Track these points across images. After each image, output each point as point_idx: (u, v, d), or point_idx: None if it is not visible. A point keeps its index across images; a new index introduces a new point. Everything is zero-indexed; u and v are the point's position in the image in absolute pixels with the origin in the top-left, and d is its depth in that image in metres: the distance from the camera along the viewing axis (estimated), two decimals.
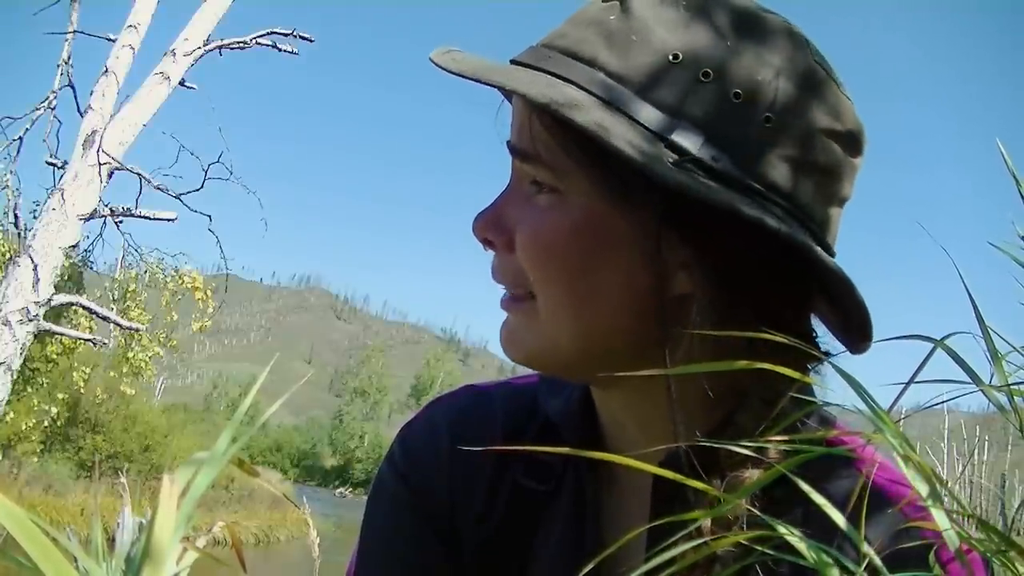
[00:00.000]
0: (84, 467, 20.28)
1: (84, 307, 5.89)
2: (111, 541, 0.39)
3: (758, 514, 0.40)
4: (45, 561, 0.27)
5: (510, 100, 0.63)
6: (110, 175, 5.24)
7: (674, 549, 0.32)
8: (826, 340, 0.61)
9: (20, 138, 5.82)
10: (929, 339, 0.36)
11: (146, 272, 8.53)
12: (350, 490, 54.53)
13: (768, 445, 0.39)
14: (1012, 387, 0.36)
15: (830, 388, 0.56)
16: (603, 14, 0.58)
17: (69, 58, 5.71)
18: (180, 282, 8.26)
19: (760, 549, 0.34)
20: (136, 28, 5.60)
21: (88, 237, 5.94)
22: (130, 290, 9.08)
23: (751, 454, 0.51)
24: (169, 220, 5.67)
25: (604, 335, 0.59)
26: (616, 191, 0.56)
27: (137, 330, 7.66)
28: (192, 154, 5.83)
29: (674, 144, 0.54)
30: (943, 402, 0.38)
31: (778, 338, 0.40)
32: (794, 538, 0.32)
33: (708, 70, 0.55)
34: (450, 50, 0.60)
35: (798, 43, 0.58)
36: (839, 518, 0.34)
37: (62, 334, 6.52)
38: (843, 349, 0.60)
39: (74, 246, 5.30)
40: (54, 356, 13.11)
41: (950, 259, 0.43)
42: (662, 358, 0.57)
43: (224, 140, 5.89)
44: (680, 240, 0.56)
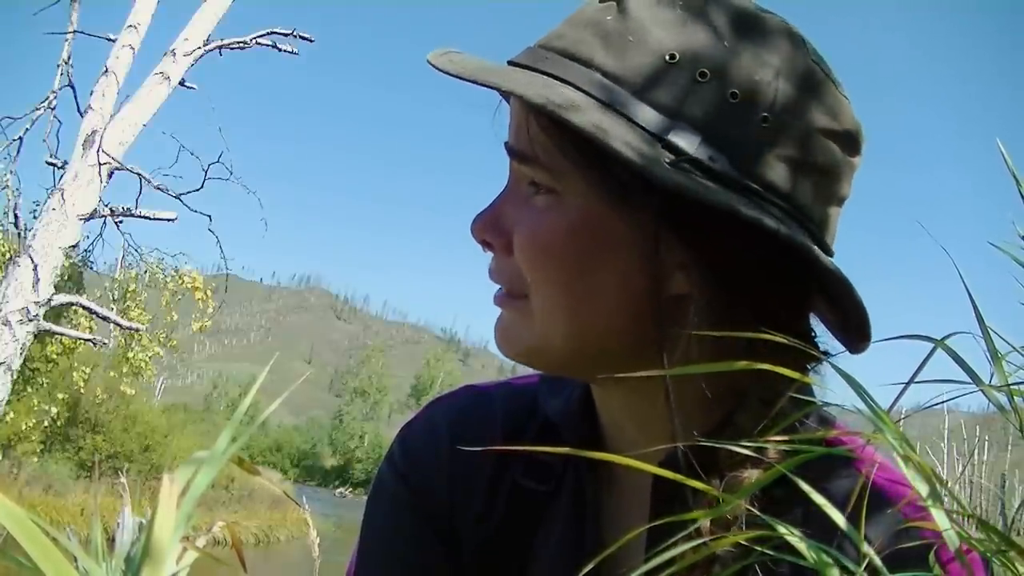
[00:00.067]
0: (84, 467, 20.27)
1: (84, 307, 5.89)
2: (111, 541, 0.39)
3: (758, 514, 0.40)
4: (45, 561, 0.27)
5: (508, 101, 0.63)
6: (110, 175, 5.24)
7: (674, 549, 0.32)
8: (825, 340, 0.61)
9: (20, 138, 5.82)
10: (929, 339, 0.36)
11: (146, 272, 8.53)
12: (350, 490, 54.54)
13: (767, 445, 0.39)
14: (1012, 387, 0.36)
15: (830, 388, 0.56)
16: (600, 15, 0.58)
17: (69, 58, 5.71)
18: (180, 282, 8.26)
19: (760, 549, 0.34)
20: (136, 28, 5.60)
21: (88, 237, 5.95)
22: (130, 290, 9.08)
23: (750, 454, 0.51)
24: (169, 220, 5.67)
25: (600, 336, 0.59)
26: (614, 192, 0.56)
27: (137, 330, 7.66)
28: (192, 154, 5.83)
29: (671, 144, 0.54)
30: (943, 402, 0.38)
31: (777, 338, 0.40)
32: (794, 538, 0.32)
33: (705, 70, 0.55)
34: (447, 51, 0.60)
35: (796, 43, 0.58)
36: (839, 518, 0.34)
37: (62, 334, 6.52)
38: (843, 349, 0.60)
39: (74, 246, 5.31)
40: (54, 356, 13.11)
41: (950, 259, 0.43)
42: (660, 359, 0.56)
43: (224, 140, 5.90)
44: (678, 241, 0.56)
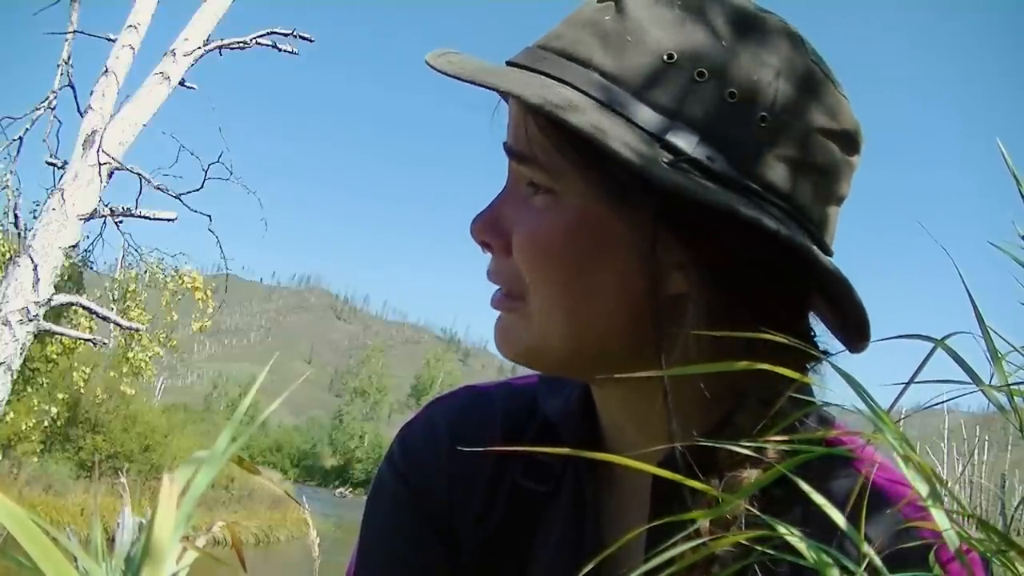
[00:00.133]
0: (84, 467, 20.27)
1: (84, 307, 5.89)
2: (111, 541, 0.39)
3: (757, 514, 0.40)
4: (45, 561, 0.27)
5: (507, 101, 0.63)
6: (110, 175, 5.24)
7: (673, 549, 0.32)
8: (825, 340, 0.61)
9: (20, 138, 5.82)
10: (929, 339, 0.36)
11: (146, 272, 8.53)
12: (350, 490, 54.54)
13: (767, 445, 0.39)
14: (1012, 387, 0.36)
15: (829, 388, 0.56)
16: (598, 15, 0.58)
17: (69, 58, 5.71)
18: (180, 282, 8.26)
19: (759, 549, 0.34)
20: (136, 28, 5.60)
21: (88, 237, 5.95)
22: (130, 290, 9.07)
23: (750, 454, 0.51)
24: (169, 220, 5.67)
25: (598, 336, 0.59)
26: (612, 192, 0.56)
27: (137, 330, 7.66)
28: (192, 154, 5.83)
29: (670, 145, 0.54)
30: (943, 402, 0.38)
31: (776, 338, 0.40)
32: (794, 538, 0.32)
33: (704, 70, 0.55)
34: (446, 52, 0.60)
35: (795, 43, 0.58)
36: (839, 518, 0.34)
37: (62, 334, 6.52)
38: (842, 348, 0.60)
39: (74, 246, 5.31)
40: (54, 356, 13.11)
41: (950, 258, 0.43)
42: (659, 359, 0.56)
43: (224, 140, 5.90)
44: (677, 241, 0.56)
